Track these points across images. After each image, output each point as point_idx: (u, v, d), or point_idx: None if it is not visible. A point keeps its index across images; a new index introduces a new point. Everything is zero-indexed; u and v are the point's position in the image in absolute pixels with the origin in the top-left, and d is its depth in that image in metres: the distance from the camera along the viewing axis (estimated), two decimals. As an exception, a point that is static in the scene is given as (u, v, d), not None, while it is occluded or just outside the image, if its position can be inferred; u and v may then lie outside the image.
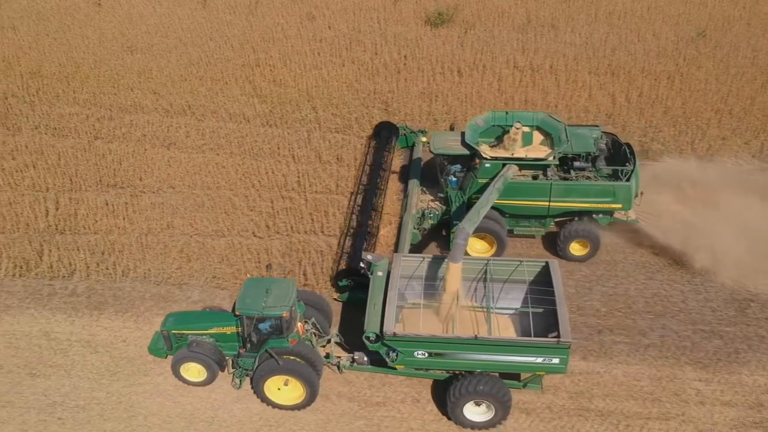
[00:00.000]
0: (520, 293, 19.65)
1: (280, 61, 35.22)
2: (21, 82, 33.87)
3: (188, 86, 33.32)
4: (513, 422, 18.54)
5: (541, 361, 17.48)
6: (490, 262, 19.92)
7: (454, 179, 23.58)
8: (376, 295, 18.80)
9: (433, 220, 23.75)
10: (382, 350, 18.14)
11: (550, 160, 22.36)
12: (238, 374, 19.20)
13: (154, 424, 18.78)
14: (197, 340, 18.89)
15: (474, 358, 17.78)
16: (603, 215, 23.14)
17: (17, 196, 26.64)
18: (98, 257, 23.81)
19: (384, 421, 18.64)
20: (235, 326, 18.36)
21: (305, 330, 19.04)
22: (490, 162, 22.41)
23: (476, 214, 20.50)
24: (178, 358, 18.97)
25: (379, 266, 19.77)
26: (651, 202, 23.30)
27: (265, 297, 17.77)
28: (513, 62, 34.53)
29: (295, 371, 18.14)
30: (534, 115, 23.49)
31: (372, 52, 35.84)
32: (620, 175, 22.51)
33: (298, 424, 18.66)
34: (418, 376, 19.29)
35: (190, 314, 20.01)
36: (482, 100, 31.83)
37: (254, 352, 18.53)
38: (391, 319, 17.74)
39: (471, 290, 19.90)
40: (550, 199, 22.49)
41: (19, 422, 18.88)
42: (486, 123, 23.65)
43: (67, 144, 29.53)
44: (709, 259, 22.29)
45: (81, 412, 19.08)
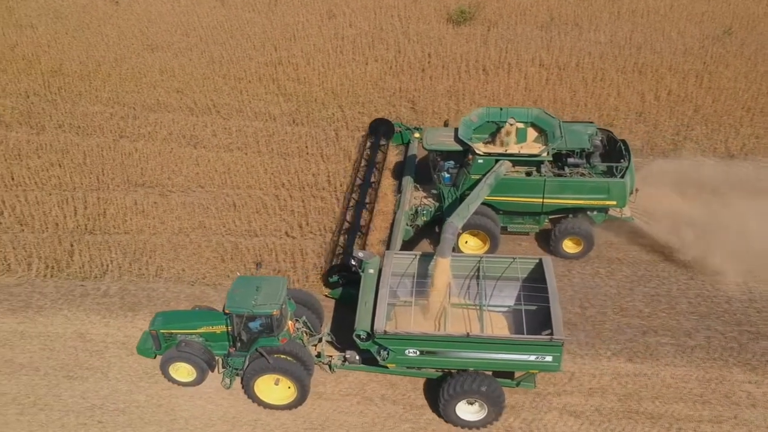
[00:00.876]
0: (514, 290, 19.38)
1: (303, 59, 34.88)
2: (42, 80, 33.53)
3: (211, 85, 32.97)
4: (562, 425, 18.22)
5: (534, 358, 17.19)
6: (483, 259, 19.59)
7: (448, 175, 23.26)
8: (367, 293, 18.52)
9: (426, 217, 23.46)
10: (373, 348, 17.83)
11: (543, 156, 22.08)
12: (228, 374, 18.81)
13: (196, 427, 18.43)
14: (186, 339, 18.56)
15: (466, 356, 17.49)
16: (598, 212, 22.86)
17: (44, 195, 26.30)
18: (130, 257, 23.43)
19: (431, 424, 18.29)
20: (225, 325, 18.03)
21: (296, 328, 18.71)
22: (483, 158, 22.11)
23: (466, 209, 20.28)
24: (167, 358, 18.56)
25: (370, 264, 19.41)
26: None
27: (254, 295, 17.42)
28: (539, 60, 34.21)
29: (285, 370, 17.76)
30: (528, 111, 23.19)
31: (395, 51, 35.51)
32: (615, 172, 22.21)
33: (344, 427, 18.32)
34: (411, 375, 18.96)
35: (179, 313, 19.71)
36: (510, 98, 31.51)
37: (244, 352, 18.19)
38: (381, 316, 17.46)
39: (464, 288, 19.64)
40: (544, 196, 22.23)
41: (58, 425, 18.54)
42: (480, 119, 23.35)
43: (92, 143, 29.19)
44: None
45: (121, 416, 18.73)
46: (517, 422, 18.31)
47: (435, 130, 24.29)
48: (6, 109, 31.48)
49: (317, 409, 18.72)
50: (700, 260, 21.98)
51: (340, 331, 19.78)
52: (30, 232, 24.76)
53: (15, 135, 29.78)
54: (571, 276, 22.58)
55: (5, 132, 29.97)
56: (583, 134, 22.88)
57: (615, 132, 27.85)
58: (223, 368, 18.92)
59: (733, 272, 21.70)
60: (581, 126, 23.44)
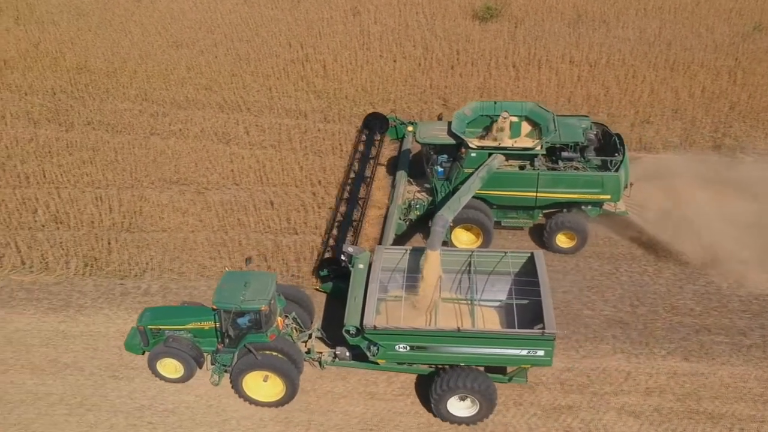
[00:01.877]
0: (506, 285, 19.08)
1: (330, 56, 34.56)
2: (68, 77, 33.21)
3: (240, 82, 32.65)
4: (621, 425, 17.88)
5: (526, 353, 16.85)
6: (474, 253, 19.27)
7: (441, 169, 22.97)
8: (357, 288, 18.22)
9: (419, 211, 23.24)
10: (363, 344, 17.50)
11: (537, 150, 21.82)
12: (216, 370, 18.52)
13: (248, 428, 18.07)
14: (174, 335, 18.27)
15: (457, 351, 17.16)
16: (592, 207, 22.56)
17: (78, 193, 25.95)
18: (170, 255, 23.07)
19: (488, 425, 17.93)
20: (213, 321, 17.71)
21: (285, 325, 18.41)
22: (476, 151, 21.82)
23: (457, 202, 20.05)
24: (154, 354, 18.26)
25: (360, 259, 19.09)
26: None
27: (243, 290, 17.07)
28: (569, 57, 33.90)
29: (274, 366, 17.43)
30: (522, 105, 22.88)
31: (422, 48, 35.19)
32: (609, 166, 21.96)
33: (399, 428, 17.96)
34: (401, 371, 18.62)
35: (167, 309, 19.47)
36: (542, 95, 31.21)
37: (232, 348, 17.88)
38: (371, 312, 17.14)
39: (455, 283, 19.34)
40: (538, 190, 21.96)
41: (107, 426, 18.18)
42: (474, 113, 23.02)
43: (123, 140, 28.85)
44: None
45: (171, 416, 18.37)
46: (576, 422, 17.98)
47: (428, 124, 24.10)
48: (34, 106, 31.13)
49: (371, 409, 18.38)
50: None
51: (330, 327, 19.43)
52: (65, 230, 24.39)
53: (44, 132, 29.44)
54: (618, 274, 22.26)
55: (34, 129, 29.64)
56: (578, 128, 22.61)
57: (652, 128, 27.74)
58: (212, 365, 18.64)
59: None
60: (575, 120, 23.15)
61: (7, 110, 30.81)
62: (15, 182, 26.63)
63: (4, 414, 18.49)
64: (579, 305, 21.24)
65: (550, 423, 17.97)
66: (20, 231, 24.35)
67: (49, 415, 18.45)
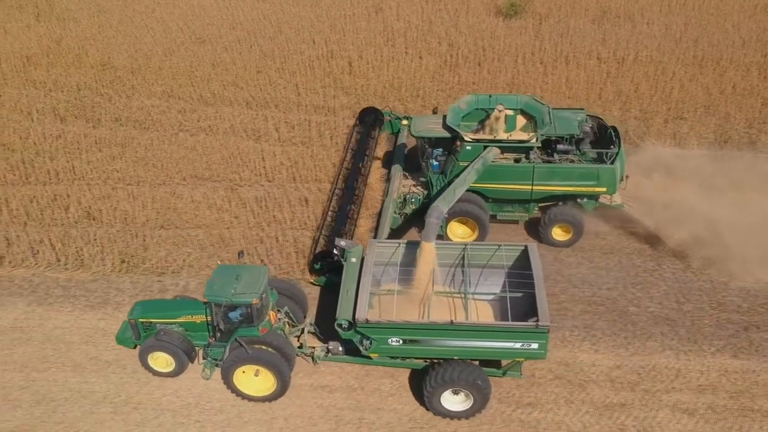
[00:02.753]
0: (500, 278, 18.94)
1: (355, 53, 34.30)
2: (93, 74, 32.95)
3: (266, 78, 32.40)
4: (675, 423, 17.63)
5: (520, 346, 16.68)
6: (468, 247, 19.11)
7: (436, 163, 22.84)
8: (349, 282, 18.06)
9: (415, 205, 23.09)
10: (356, 338, 17.33)
11: (532, 143, 21.70)
12: (207, 364, 18.34)
13: (298, 426, 17.82)
14: (165, 329, 18.12)
15: (450, 345, 17.00)
16: (588, 200, 22.42)
17: (109, 189, 25.70)
18: (208, 252, 22.81)
19: (540, 423, 17.70)
20: (205, 315, 17.58)
21: (278, 319, 18.21)
22: (471, 144, 21.70)
23: (452, 194, 19.89)
24: (145, 347, 18.14)
25: (352, 252, 18.98)
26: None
27: (234, 284, 16.92)
28: (596, 54, 33.65)
29: (265, 360, 17.29)
30: (518, 98, 22.88)
31: (447, 44, 34.96)
32: (605, 158, 21.81)
33: (451, 426, 17.70)
34: (395, 366, 18.46)
35: (159, 302, 19.33)
36: (572, 91, 31.02)
37: (224, 342, 17.70)
38: (363, 305, 16.98)
39: (449, 276, 19.19)
40: (533, 183, 21.84)
41: (155, 425, 17.92)
42: (469, 106, 22.98)
43: (151, 136, 28.60)
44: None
45: (218, 414, 18.12)
46: (630, 420, 17.73)
47: (423, 117, 23.99)
48: (60, 102, 30.90)
49: (421, 407, 18.10)
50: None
51: (324, 322, 19.24)
52: (98, 227, 24.14)
53: (72, 128, 29.20)
54: (662, 271, 22.03)
55: (62, 125, 29.42)
56: (573, 120, 22.48)
57: (686, 124, 27.49)
58: (204, 359, 18.47)
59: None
60: (571, 112, 23.04)
61: (33, 106, 30.56)
62: (45, 178, 26.38)
63: (48, 412, 18.24)
64: (624, 302, 21.01)
65: (604, 421, 17.72)
66: (53, 228, 24.10)
67: (95, 414, 18.19)
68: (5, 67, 33.58)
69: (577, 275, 21.95)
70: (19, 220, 24.38)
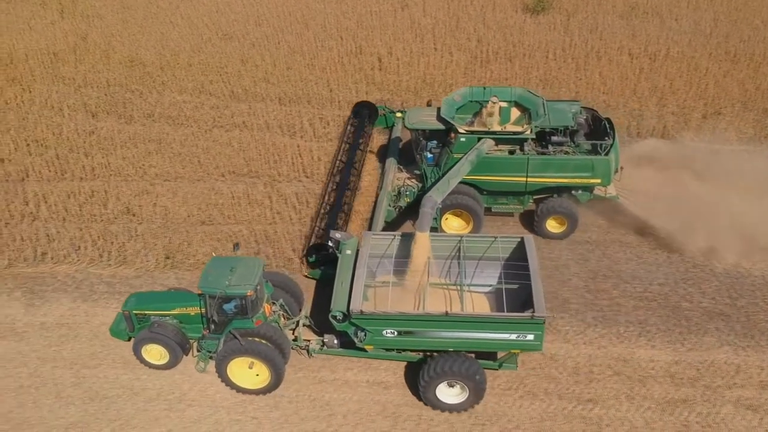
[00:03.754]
0: (496, 270, 18.74)
1: (384, 49, 34.05)
2: (121, 70, 32.69)
3: (296, 74, 32.14)
4: (740, 419, 17.42)
5: (516, 337, 16.54)
6: (464, 239, 18.94)
7: (431, 155, 22.66)
8: (344, 274, 17.92)
9: (410, 198, 22.93)
10: (350, 330, 17.20)
11: (527, 134, 21.57)
12: (202, 357, 18.23)
13: (357, 423, 17.58)
14: (159, 321, 17.98)
15: (446, 336, 16.85)
16: (582, 192, 22.35)
17: (147, 185, 25.44)
18: (253, 248, 22.55)
19: (603, 419, 17.46)
20: (199, 307, 17.43)
21: (272, 312, 18.08)
22: (466, 136, 21.56)
23: (446, 184, 19.92)
24: (139, 340, 18.02)
25: (347, 245, 18.85)
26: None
27: (229, 275, 16.80)
28: (627, 50, 33.43)
29: (259, 352, 17.13)
30: (512, 90, 22.74)
31: (476, 40, 34.71)
32: (599, 150, 21.74)
33: (512, 422, 17.48)
34: (390, 359, 18.35)
35: (153, 294, 19.17)
36: (606, 87, 30.78)
37: (218, 334, 17.57)
38: (358, 296, 16.83)
39: (444, 268, 19.07)
40: (528, 175, 21.75)
41: (211, 422, 17.67)
42: (463, 98, 22.87)
43: (186, 132, 28.36)
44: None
45: (274, 411, 17.87)
46: (693, 416, 17.51)
47: (417, 110, 23.79)
48: (90, 98, 30.64)
49: (482, 402, 17.83)
50: None
51: (319, 315, 19.02)
52: (138, 223, 23.89)
53: (104, 125, 28.94)
54: (712, 266, 21.78)
55: (94, 122, 29.15)
56: (567, 112, 22.40)
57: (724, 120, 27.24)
58: (198, 351, 18.34)
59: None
60: (565, 104, 23.00)
61: (64, 102, 30.31)
62: (81, 174, 26.12)
63: (101, 409, 18.00)
64: (677, 298, 20.79)
65: (666, 417, 17.50)
66: (93, 224, 23.84)
67: (148, 411, 17.95)
68: (33, 63, 33.30)
69: (627, 271, 21.72)
70: (58, 216, 24.14)
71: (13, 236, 23.33)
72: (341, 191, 23.15)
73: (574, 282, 21.30)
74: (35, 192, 25.14)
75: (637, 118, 28.46)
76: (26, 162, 26.69)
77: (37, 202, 24.66)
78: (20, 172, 26.23)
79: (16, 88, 31.35)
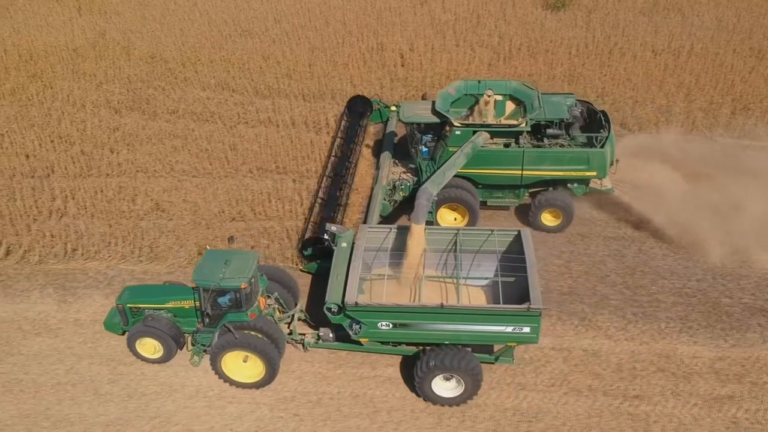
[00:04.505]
0: (492, 264, 18.61)
1: (406, 45, 33.85)
2: (143, 66, 32.47)
3: (320, 70, 31.93)
4: (796, 415, 17.20)
5: (512, 330, 16.39)
6: (460, 232, 18.83)
7: (426, 149, 22.66)
8: (339, 266, 17.80)
9: (405, 192, 22.90)
10: (345, 322, 17.03)
11: (522, 127, 21.52)
12: (196, 350, 18.05)
13: (401, 420, 17.38)
14: (153, 314, 17.82)
15: (441, 329, 16.70)
16: (578, 184, 22.36)
17: (175, 181, 25.23)
18: (284, 244, 22.34)
19: (650, 416, 17.26)
20: (194, 300, 17.25)
21: (267, 305, 18.00)
22: (461, 129, 21.50)
23: (441, 176, 19.96)
24: (133, 333, 17.87)
25: (343, 237, 18.74)
26: None
27: (223, 268, 16.65)
28: (650, 46, 33.24)
29: (253, 346, 16.99)
30: (507, 84, 22.80)
31: (497, 36, 34.51)
32: (594, 142, 21.67)
33: (559, 419, 17.28)
34: (386, 352, 18.23)
35: (148, 288, 19.01)
36: (632, 83, 30.60)
37: (212, 327, 17.41)
38: (353, 288, 16.69)
39: (440, 261, 18.92)
40: (523, 168, 21.72)
41: (253, 419, 17.47)
42: (458, 91, 22.89)
43: (211, 128, 28.14)
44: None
45: (317, 408, 17.67)
46: (741, 413, 17.32)
47: (412, 103, 23.80)
48: (113, 95, 30.41)
49: (524, 401, 17.67)
50: None
51: (315, 309, 18.87)
52: (168, 219, 23.69)
53: (128, 121, 28.72)
54: (750, 262, 21.58)
55: (118, 118, 28.92)
56: (562, 105, 22.34)
57: (753, 116, 27.04)
58: (192, 345, 18.19)
59: None
60: (560, 97, 22.94)
61: (87, 99, 30.09)
62: (108, 170, 25.90)
63: (141, 407, 17.79)
64: (716, 293, 20.61)
65: (714, 413, 17.31)
66: (122, 220, 23.62)
67: (189, 408, 17.74)
68: (53, 59, 33.06)
69: (665, 266, 21.53)
70: (87, 212, 23.92)
71: (42, 232, 23.12)
72: (336, 186, 23.10)
73: (612, 278, 21.10)
74: (62, 188, 24.92)
75: (665, 114, 28.26)
76: (51, 158, 26.46)
77: (64, 198, 24.44)
78: (46, 168, 26.01)
79: (37, 84, 31.11)
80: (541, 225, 22.49)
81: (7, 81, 31.57)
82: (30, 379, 18.50)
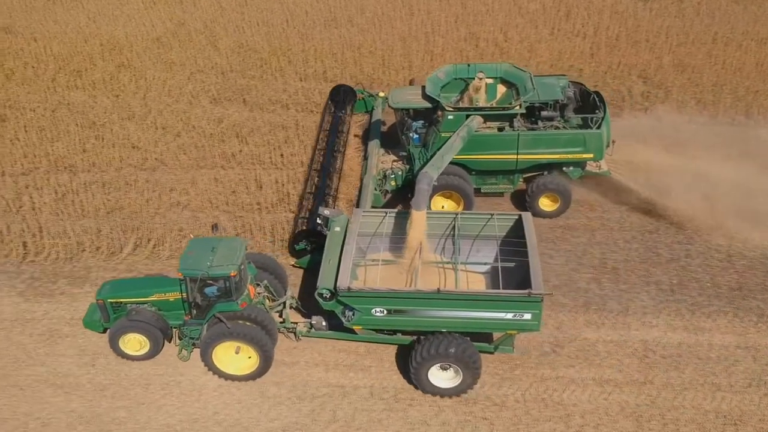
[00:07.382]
0: (491, 249, 17.93)
1: (499, 35, 32.83)
2: (233, 57, 31.53)
3: (416, 59, 30.90)
4: None
5: (512, 317, 15.57)
6: (459, 216, 18.09)
7: (417, 136, 21.78)
8: (332, 251, 16.95)
9: (397, 181, 22.16)
10: (338, 309, 16.27)
11: (516, 109, 20.76)
12: (184, 345, 17.11)
13: (598, 423, 16.27)
14: (137, 308, 16.90)
15: (438, 315, 15.92)
16: (574, 168, 21.79)
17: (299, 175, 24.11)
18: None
19: (678, 409, 16.49)
20: (179, 291, 16.48)
21: (257, 293, 17.19)
22: (454, 114, 20.68)
23: (440, 160, 19.35)
24: (117, 329, 16.86)
25: (336, 221, 17.89)
26: None
27: (210, 256, 15.81)
28: (752, 35, 32.23)
29: (246, 336, 16.18)
30: (497, 66, 21.97)
31: (593, 26, 33.50)
32: (590, 123, 21.07)
33: (765, 421, 16.22)
34: (381, 341, 17.44)
35: (129, 281, 18.27)
36: (743, 74, 29.59)
37: (201, 319, 16.61)
38: (346, 273, 15.86)
39: (438, 247, 18.25)
40: (518, 152, 21.05)
41: (438, 422, 16.30)
42: (447, 76, 21.94)
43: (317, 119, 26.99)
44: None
45: (503, 411, 16.57)
46: None
47: (401, 89, 22.93)
48: (210, 85, 29.35)
49: (725, 401, 16.63)
50: None
51: (307, 297, 18.08)
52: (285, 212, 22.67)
53: (231, 111, 27.72)
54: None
55: (221, 109, 27.84)
56: (555, 86, 21.69)
57: None
58: (180, 339, 17.32)
59: None
60: (553, 79, 22.28)
61: (183, 89, 29.04)
62: (222, 162, 24.83)
63: (315, 410, 16.70)
64: None
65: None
66: (249, 213, 22.53)
67: (367, 411, 16.68)
68: (137, 48, 31.95)
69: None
70: (212, 205, 22.81)
71: (169, 227, 22.00)
72: (323, 176, 22.13)
73: None
74: (178, 179, 23.82)
75: (790, 105, 27.31)
76: (158, 149, 25.37)
77: (183, 190, 23.33)
78: (155, 159, 24.92)
79: (128, 74, 30.00)
80: (538, 210, 21.58)
81: (94, 70, 30.46)
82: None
